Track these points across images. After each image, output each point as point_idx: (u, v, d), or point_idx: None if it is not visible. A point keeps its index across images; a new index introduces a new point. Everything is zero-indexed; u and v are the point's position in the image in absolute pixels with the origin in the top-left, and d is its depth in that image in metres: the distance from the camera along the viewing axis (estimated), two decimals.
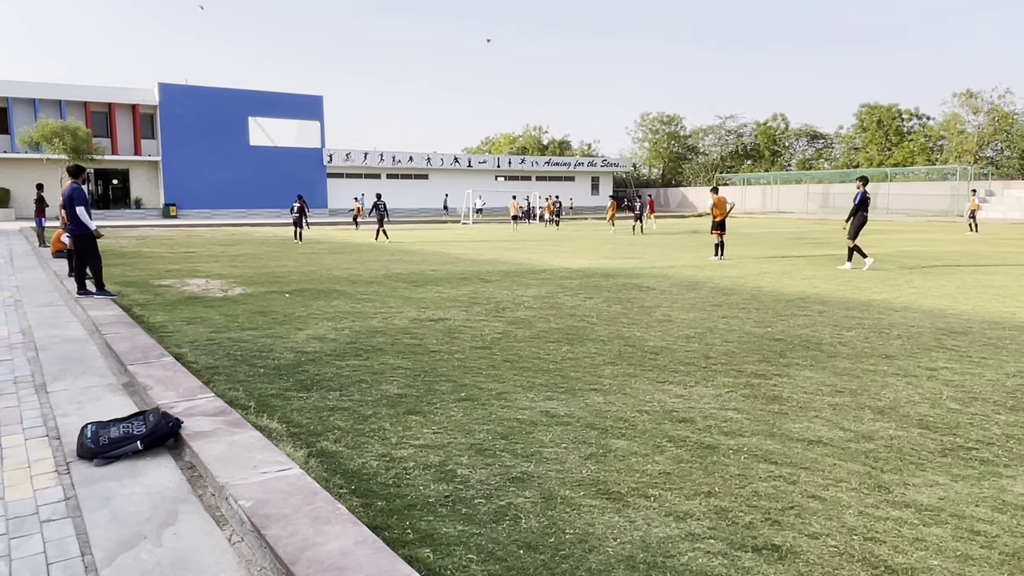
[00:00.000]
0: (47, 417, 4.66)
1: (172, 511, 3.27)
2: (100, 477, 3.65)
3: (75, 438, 4.10)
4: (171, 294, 10.55)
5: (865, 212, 14.25)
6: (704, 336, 7.36)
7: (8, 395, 5.18)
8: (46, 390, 5.26)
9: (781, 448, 4.12)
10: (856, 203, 14.23)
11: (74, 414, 4.65)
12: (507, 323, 8.09)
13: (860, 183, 14.43)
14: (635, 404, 4.97)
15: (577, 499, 3.41)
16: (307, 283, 11.93)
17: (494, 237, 27.30)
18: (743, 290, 10.97)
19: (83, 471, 3.73)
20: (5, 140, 41.88)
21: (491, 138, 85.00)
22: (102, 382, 5.48)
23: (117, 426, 4.04)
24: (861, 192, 14.26)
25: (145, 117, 46.38)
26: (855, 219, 14.24)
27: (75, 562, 2.84)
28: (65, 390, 5.24)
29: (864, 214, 14.23)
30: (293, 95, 50.06)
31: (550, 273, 13.61)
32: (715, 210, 16.78)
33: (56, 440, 4.22)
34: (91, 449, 3.86)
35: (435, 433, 4.36)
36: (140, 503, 3.35)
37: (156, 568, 2.77)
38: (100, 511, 3.26)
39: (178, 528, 3.11)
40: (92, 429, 4.02)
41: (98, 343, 6.83)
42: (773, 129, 67.53)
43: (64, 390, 5.24)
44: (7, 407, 4.88)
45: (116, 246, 20.84)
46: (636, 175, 72.92)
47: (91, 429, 4.02)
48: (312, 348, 6.74)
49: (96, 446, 3.87)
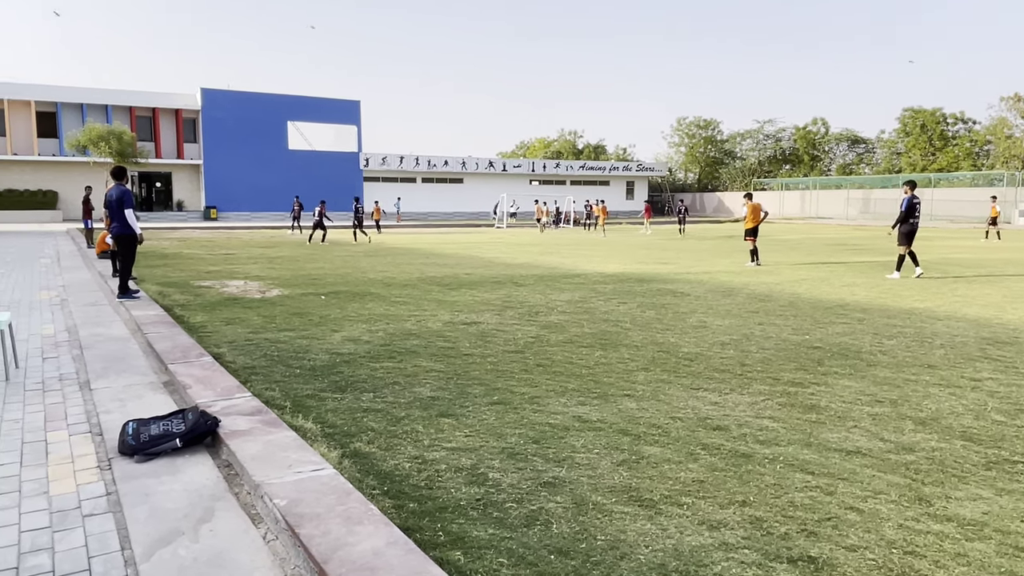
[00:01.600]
0: (90, 414, 4.78)
1: (209, 508, 3.33)
2: (140, 473, 3.73)
3: (117, 435, 4.20)
4: (211, 295, 10.76)
5: (914, 218, 13.72)
6: (740, 343, 7.26)
7: (54, 392, 5.33)
8: (90, 387, 5.40)
9: (818, 458, 4.04)
10: (903, 209, 13.75)
11: (116, 411, 4.76)
12: (540, 327, 8.09)
13: (907, 188, 13.94)
14: (669, 411, 4.92)
15: (609, 505, 3.39)
16: (342, 285, 12.07)
17: (527, 241, 27.32)
18: (780, 296, 10.81)
19: (124, 467, 3.82)
20: (54, 144, 43.17)
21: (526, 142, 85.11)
22: (143, 380, 5.61)
23: (157, 424, 4.13)
24: (908, 197, 13.73)
25: (188, 121, 47.44)
26: (902, 225, 13.80)
27: (115, 556, 2.91)
28: (108, 388, 5.38)
29: (913, 220, 13.71)
30: (331, 100, 50.76)
31: (583, 278, 13.57)
32: (749, 217, 16.64)
33: (99, 436, 4.33)
34: (132, 446, 3.96)
35: (467, 436, 4.37)
36: (178, 500, 3.42)
37: (193, 564, 2.82)
38: (140, 507, 3.33)
39: (214, 525, 3.17)
40: (133, 426, 4.12)
41: (140, 342, 6.99)
42: (813, 134, 66.47)
43: (107, 388, 5.38)
44: (53, 403, 5.02)
45: (158, 247, 21.34)
46: (672, 180, 72.33)
47: (132, 426, 4.12)
48: (347, 350, 6.81)
49: (137, 443, 3.97)
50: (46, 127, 43.11)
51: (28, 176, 42.48)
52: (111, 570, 2.80)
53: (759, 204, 16.94)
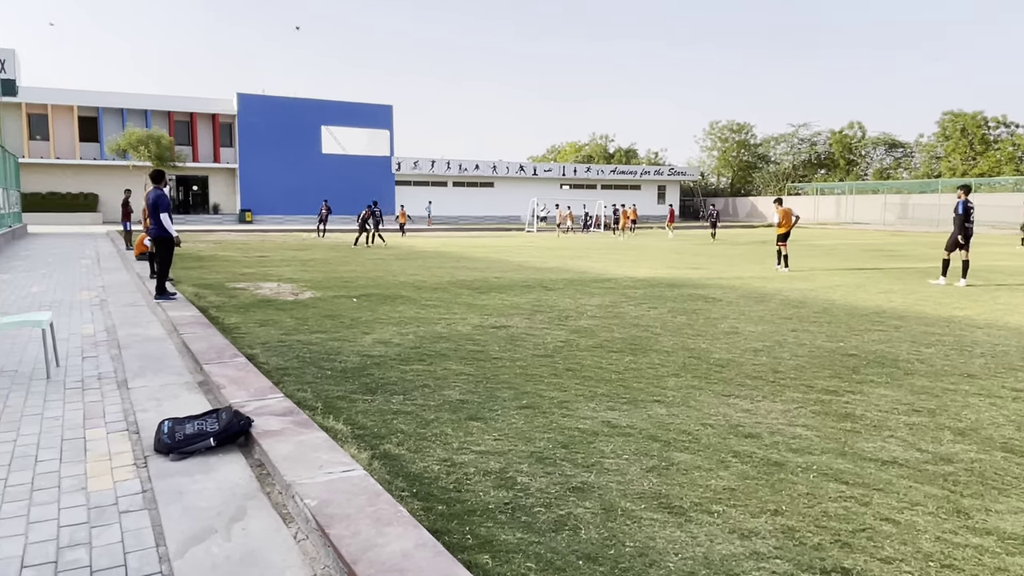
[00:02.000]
0: (127, 412, 4.89)
1: (241, 507, 3.38)
2: (175, 471, 3.80)
3: (153, 433, 4.29)
4: (245, 297, 10.93)
5: (968, 223, 13.34)
6: (772, 350, 7.16)
7: (92, 390, 5.46)
8: (127, 386, 5.52)
9: (853, 468, 3.97)
10: (959, 213, 13.35)
11: (152, 410, 4.86)
12: (569, 332, 8.07)
13: (961, 192, 13.57)
14: (699, 417, 4.88)
15: (638, 512, 3.37)
16: (374, 288, 12.18)
17: (557, 245, 27.28)
18: (814, 303, 10.64)
19: (159, 465, 3.90)
20: (95, 148, 44.26)
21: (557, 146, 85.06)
22: (179, 380, 5.72)
23: (192, 423, 4.20)
24: (963, 201, 13.34)
25: (224, 126, 48.30)
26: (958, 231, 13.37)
27: (150, 552, 2.97)
28: (145, 387, 5.49)
29: (968, 225, 13.33)
30: (364, 104, 51.29)
31: (614, 282, 13.51)
32: (780, 222, 16.52)
33: (135, 434, 4.42)
34: (167, 444, 4.03)
35: (496, 440, 4.37)
36: (211, 498, 3.47)
37: (225, 562, 2.87)
38: (174, 504, 3.39)
39: (246, 524, 3.21)
40: (169, 425, 4.20)
41: (176, 342, 7.13)
42: (849, 138, 65.39)
43: (144, 387, 5.49)
44: (92, 402, 5.14)
45: (195, 250, 21.74)
46: (704, 184, 71.72)
47: (168, 425, 4.20)
48: (377, 352, 6.87)
49: (172, 441, 4.04)
50: (87, 131, 44.25)
51: (70, 179, 43.60)
52: (146, 566, 2.85)
53: (790, 209, 16.79)
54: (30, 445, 4.20)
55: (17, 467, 3.86)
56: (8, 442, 4.24)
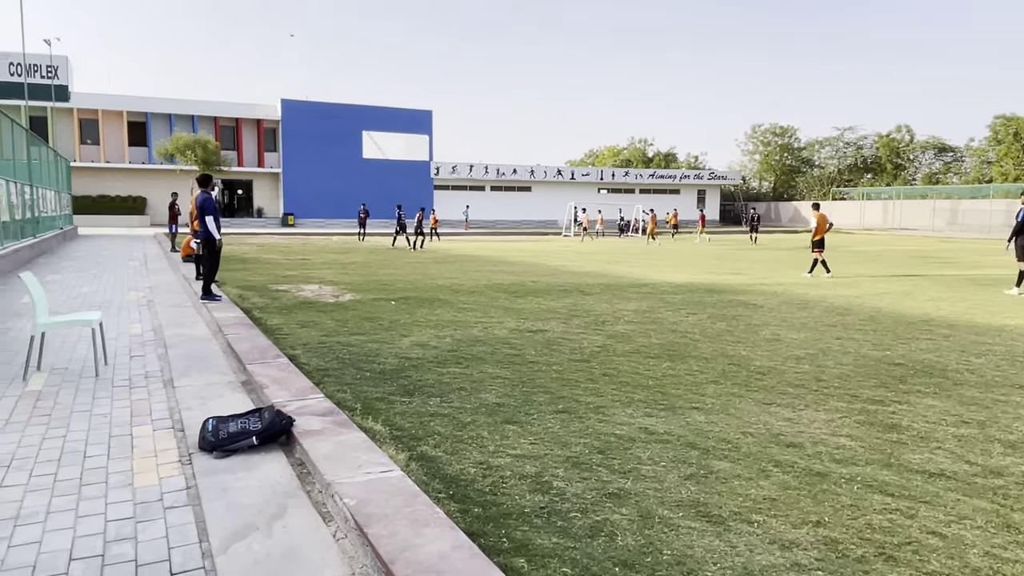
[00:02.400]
0: (173, 410, 5.01)
1: (282, 505, 3.43)
2: (218, 469, 3.88)
3: (197, 431, 4.39)
4: (287, 298, 11.12)
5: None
6: (816, 357, 7.03)
7: (139, 388, 5.61)
8: (173, 385, 5.66)
9: (899, 479, 3.87)
10: (1020, 221, 12.84)
11: (197, 408, 4.97)
12: (606, 337, 8.03)
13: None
14: (739, 425, 4.80)
15: (676, 520, 3.33)
16: (412, 291, 12.28)
17: (594, 250, 27.17)
18: (860, 310, 10.41)
19: (203, 462, 3.98)
20: (143, 152, 45.52)
21: (595, 151, 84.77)
22: (223, 379, 5.84)
23: (235, 421, 4.29)
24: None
25: (268, 131, 49.25)
26: (1018, 238, 12.83)
27: (193, 548, 3.03)
28: (190, 386, 5.62)
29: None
30: (404, 110, 51.79)
31: (652, 287, 13.40)
32: (817, 228, 16.33)
33: (180, 432, 4.52)
34: (211, 442, 4.12)
35: (532, 444, 4.37)
36: (253, 496, 3.54)
37: (266, 559, 2.92)
38: (217, 501, 3.46)
39: (287, 521, 3.26)
40: (213, 423, 4.29)
41: (220, 343, 7.28)
42: (897, 141, 63.84)
43: (189, 385, 5.62)
44: (139, 400, 5.28)
45: (239, 252, 22.19)
46: (745, 188, 70.72)
47: (212, 423, 4.29)
48: (415, 354, 6.92)
49: (216, 439, 4.13)
50: (136, 136, 45.53)
51: (119, 182, 44.87)
52: (189, 561, 2.92)
53: (825, 215, 16.58)
54: (79, 441, 4.33)
55: (67, 463, 3.98)
56: (58, 438, 4.38)
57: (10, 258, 14.49)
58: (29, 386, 5.58)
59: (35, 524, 3.20)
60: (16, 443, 4.26)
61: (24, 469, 3.86)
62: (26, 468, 3.87)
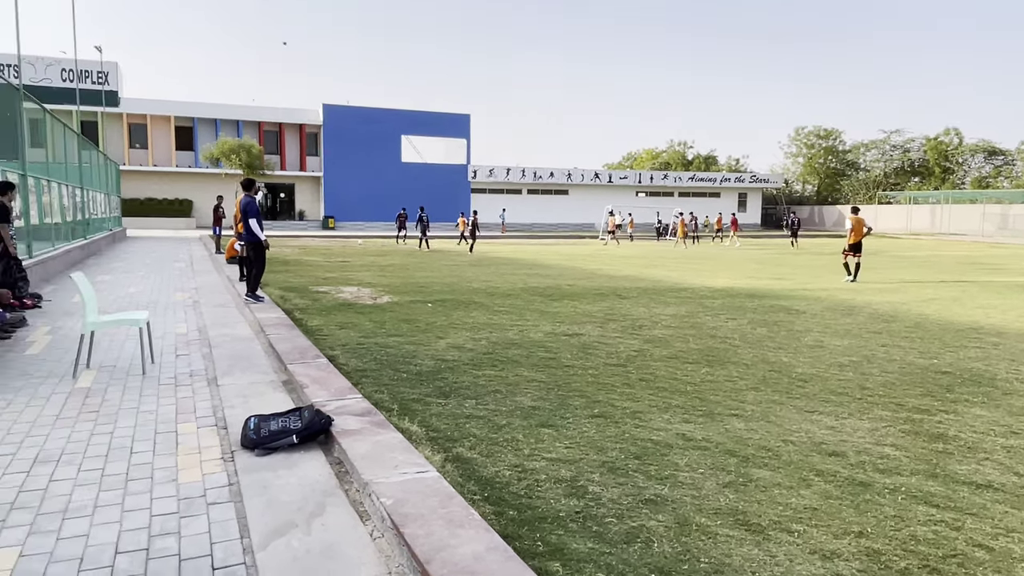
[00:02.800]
0: (216, 408, 5.11)
1: (321, 503, 3.48)
2: (259, 466, 3.95)
3: (239, 429, 4.47)
4: (327, 300, 11.28)
5: None
6: (860, 365, 6.87)
7: (184, 386, 5.74)
8: (217, 383, 5.78)
9: (944, 490, 3.76)
10: None
11: (239, 407, 5.07)
12: (643, 341, 7.96)
13: None
14: (780, 433, 4.72)
15: (714, 528, 3.29)
16: (448, 294, 12.35)
17: (632, 253, 27.00)
18: (906, 317, 10.15)
19: (245, 460, 4.06)
20: (189, 156, 46.66)
21: (633, 153, 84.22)
22: (264, 378, 5.95)
23: (276, 420, 4.36)
24: None
25: (310, 136, 50.08)
26: None
27: (235, 544, 3.09)
28: (233, 384, 5.73)
29: None
30: (442, 114, 52.19)
31: (690, 292, 13.25)
32: (853, 231, 16.07)
33: (223, 430, 4.62)
34: (253, 440, 4.20)
35: (567, 448, 4.36)
36: (293, 493, 3.59)
37: (305, 555, 2.96)
38: (258, 498, 3.53)
39: (325, 519, 3.31)
40: (254, 421, 4.37)
41: (262, 343, 7.42)
42: (945, 144, 62.15)
43: (232, 384, 5.74)
44: (184, 397, 5.41)
45: (281, 255, 22.59)
46: (788, 191, 69.55)
47: (254, 421, 4.37)
48: (451, 356, 6.96)
49: (257, 437, 4.21)
50: (183, 140, 46.70)
51: (166, 186, 46.05)
52: (231, 557, 2.97)
53: (862, 219, 16.33)
54: (126, 437, 4.45)
55: (114, 458, 4.09)
56: (106, 434, 4.51)
57: (62, 259, 14.97)
58: (79, 383, 5.76)
59: (83, 518, 3.30)
60: (66, 438, 4.40)
61: (73, 464, 3.98)
62: (75, 463, 3.99)
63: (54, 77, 37.40)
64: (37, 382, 5.75)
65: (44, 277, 12.80)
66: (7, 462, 3.97)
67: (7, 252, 9.23)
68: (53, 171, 15.77)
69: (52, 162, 15.89)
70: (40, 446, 4.24)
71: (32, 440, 4.35)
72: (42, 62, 37.13)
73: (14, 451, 4.15)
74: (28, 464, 3.95)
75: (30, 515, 3.31)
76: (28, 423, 4.68)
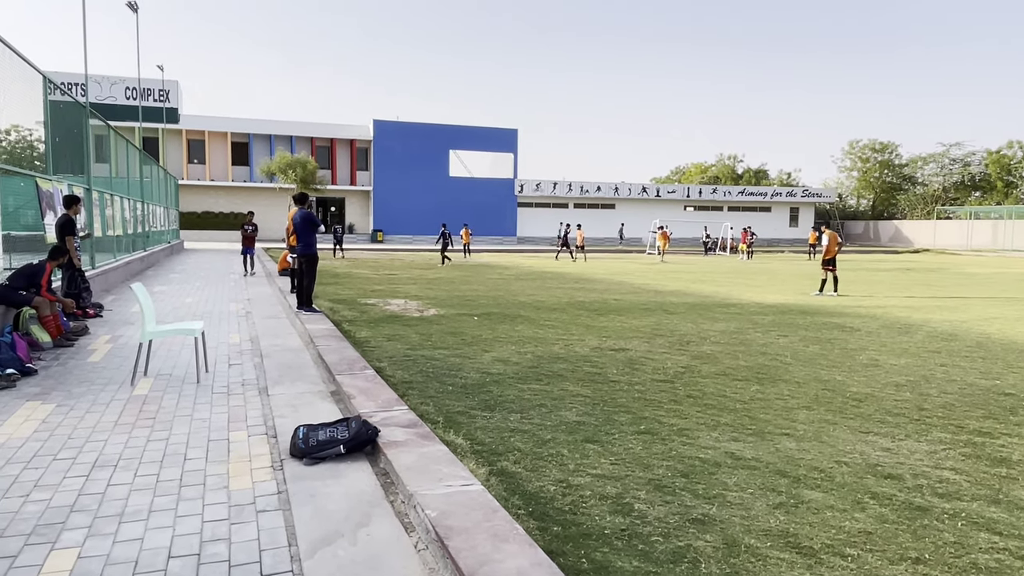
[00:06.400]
0: (267, 417, 5.22)
1: (367, 513, 3.51)
2: (307, 475, 4.02)
3: (289, 438, 4.56)
4: (375, 312, 11.43)
5: None
6: (917, 385, 6.65)
7: (236, 395, 5.87)
8: (267, 393, 5.90)
9: (1008, 517, 3.60)
10: None
11: (289, 416, 5.17)
12: (691, 357, 7.85)
13: None
14: (833, 454, 4.59)
15: (763, 549, 3.21)
16: (494, 307, 12.39)
17: (680, 268, 26.68)
18: (967, 336, 9.79)
19: (294, 468, 4.13)
20: (245, 171, 48.01)
21: (681, 167, 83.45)
22: (313, 389, 6.05)
23: (324, 430, 4.43)
24: None
25: (361, 151, 51.07)
26: None
27: (282, 551, 3.14)
28: (283, 394, 5.85)
29: None
30: (490, 129, 52.63)
31: (740, 307, 13.02)
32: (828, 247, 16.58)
33: (273, 438, 4.71)
34: (302, 449, 4.27)
35: (613, 464, 4.31)
36: (340, 503, 3.64)
37: (351, 565, 2.99)
38: (306, 507, 3.58)
39: (371, 530, 3.33)
40: (303, 431, 4.44)
41: (312, 354, 7.55)
42: (1008, 158, 59.95)
43: (282, 394, 5.85)
44: (236, 406, 5.53)
45: (331, 267, 23.00)
46: (841, 206, 67.95)
47: (303, 431, 4.45)
48: (496, 370, 6.97)
49: (306, 447, 4.27)
50: (239, 156, 48.11)
51: (223, 200, 47.44)
52: (279, 564, 3.02)
53: (836, 233, 17.01)
54: (180, 444, 4.57)
55: (168, 464, 4.21)
56: (161, 440, 4.64)
57: (122, 270, 15.52)
58: (136, 390, 5.95)
59: (138, 522, 3.39)
60: (123, 444, 4.54)
61: (130, 469, 4.10)
62: (131, 468, 4.11)
63: (118, 95, 38.99)
64: (97, 389, 5.96)
65: (105, 287, 13.29)
66: (68, 466, 4.12)
67: (72, 263, 9.62)
68: (116, 185, 16.40)
69: (115, 177, 16.53)
70: (99, 451, 4.39)
71: (92, 445, 4.50)
72: (107, 80, 38.78)
73: (75, 455, 4.30)
74: (87, 468, 4.09)
75: (88, 518, 3.42)
76: (88, 428, 4.85)
